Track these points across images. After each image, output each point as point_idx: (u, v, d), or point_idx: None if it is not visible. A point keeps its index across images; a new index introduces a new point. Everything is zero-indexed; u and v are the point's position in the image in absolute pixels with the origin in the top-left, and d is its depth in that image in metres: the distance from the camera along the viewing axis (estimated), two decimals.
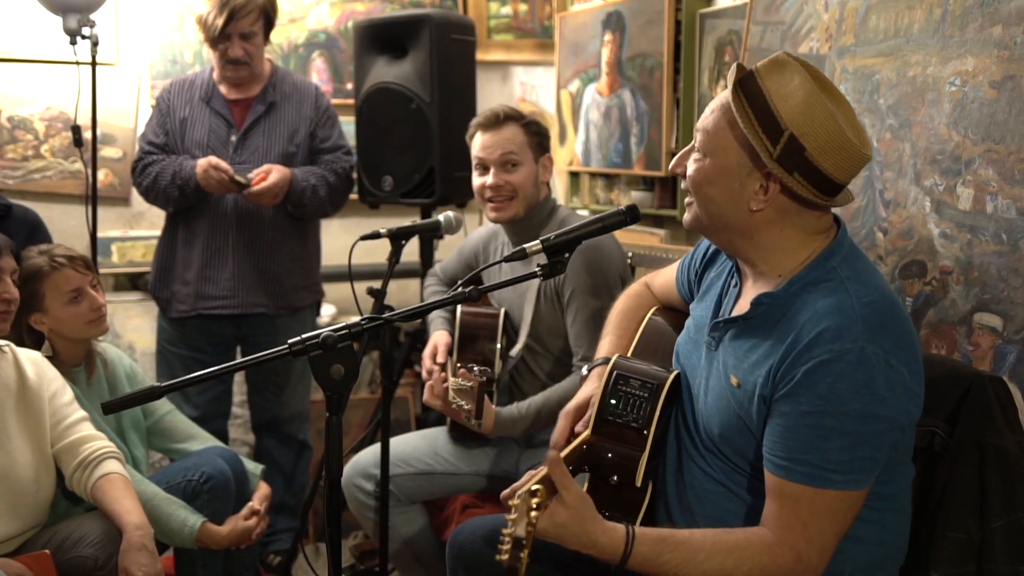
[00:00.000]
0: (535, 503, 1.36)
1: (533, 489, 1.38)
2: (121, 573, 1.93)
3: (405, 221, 2.66)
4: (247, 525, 2.32)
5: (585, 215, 3.25)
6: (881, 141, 2.07)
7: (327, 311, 3.63)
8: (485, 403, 2.16)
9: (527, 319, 2.39)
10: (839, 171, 1.46)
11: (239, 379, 3.41)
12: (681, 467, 1.65)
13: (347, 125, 3.20)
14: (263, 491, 2.45)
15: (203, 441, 2.47)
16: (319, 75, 3.71)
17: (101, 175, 3.38)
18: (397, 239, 2.32)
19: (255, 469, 2.48)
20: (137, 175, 2.98)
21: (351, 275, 2.44)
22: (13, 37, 3.30)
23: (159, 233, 3.09)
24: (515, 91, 4.10)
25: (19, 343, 2.16)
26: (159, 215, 3.15)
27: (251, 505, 2.37)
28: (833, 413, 1.40)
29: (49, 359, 2.19)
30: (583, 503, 1.44)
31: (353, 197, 3.19)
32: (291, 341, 1.44)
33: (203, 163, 2.81)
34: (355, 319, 1.56)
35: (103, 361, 2.38)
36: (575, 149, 3.54)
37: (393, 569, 2.59)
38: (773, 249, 1.53)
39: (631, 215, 1.67)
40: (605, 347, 1.91)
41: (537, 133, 2.43)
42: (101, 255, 3.33)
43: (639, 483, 1.59)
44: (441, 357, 2.45)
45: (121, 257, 3.51)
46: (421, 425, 3.34)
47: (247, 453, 3.43)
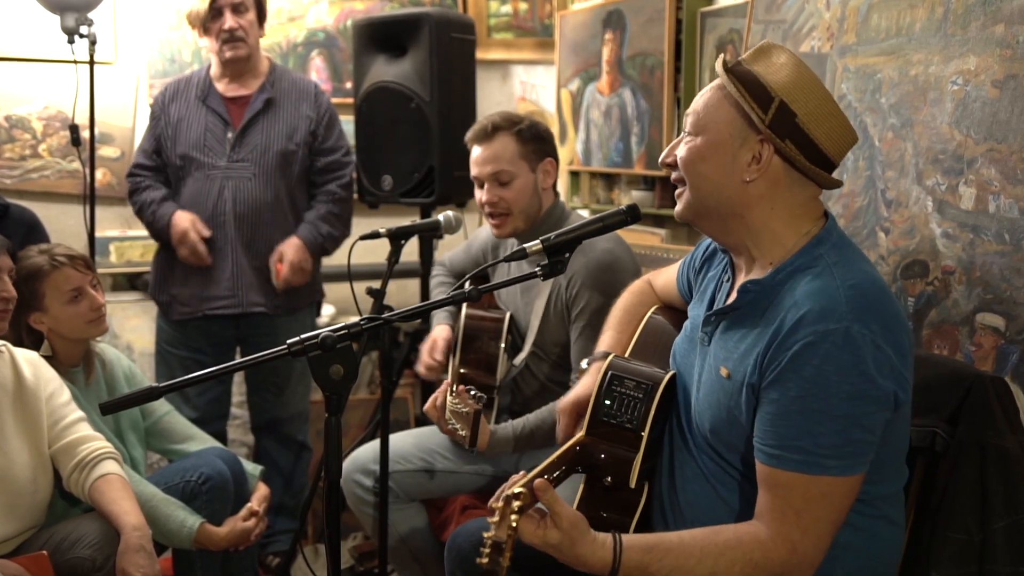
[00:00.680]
0: (516, 506, 1.35)
1: (516, 492, 1.37)
2: (119, 574, 1.93)
3: (404, 221, 2.66)
4: (246, 526, 2.31)
5: (585, 215, 3.25)
6: (883, 140, 2.06)
7: (327, 311, 3.62)
8: (481, 423, 2.15)
9: (534, 328, 2.36)
10: (830, 142, 1.47)
11: (238, 380, 3.40)
12: (674, 468, 1.63)
13: (346, 124, 3.19)
14: (262, 492, 2.44)
15: (201, 442, 2.46)
16: (318, 74, 3.70)
17: (99, 174, 3.37)
18: (396, 239, 2.31)
19: (254, 470, 2.47)
20: (128, 195, 3.04)
21: (350, 275, 2.44)
22: (11, 36, 3.29)
23: None
24: (515, 90, 4.09)
25: (18, 343, 2.15)
26: None
27: (250, 506, 2.36)
28: (822, 396, 1.38)
29: (47, 359, 2.18)
30: (575, 528, 1.42)
31: (352, 197, 3.19)
32: (290, 341, 1.44)
33: (178, 236, 2.87)
34: (354, 319, 1.55)
35: (101, 361, 2.37)
36: (575, 148, 3.54)
37: (392, 570, 2.58)
38: (764, 231, 1.52)
39: (632, 215, 1.66)
40: (605, 342, 1.90)
41: (533, 139, 2.34)
42: (99, 255, 3.32)
43: (633, 484, 1.58)
44: (439, 354, 2.43)
45: (119, 257, 3.50)
46: (420, 426, 3.33)
47: (245, 454, 3.42)
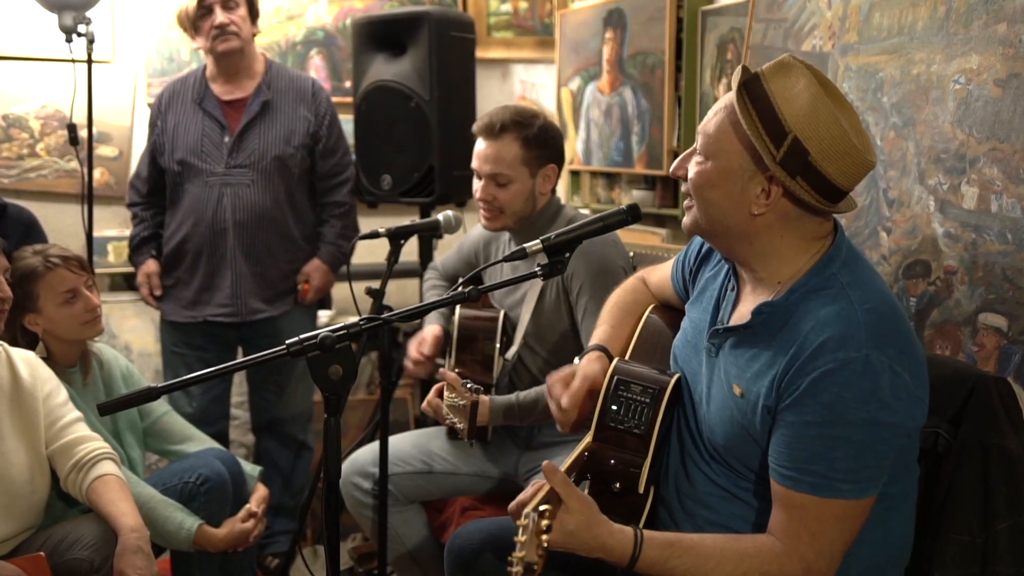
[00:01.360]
0: (545, 525, 1.33)
1: (542, 510, 1.35)
2: None
3: (404, 220, 2.65)
4: (244, 527, 2.31)
5: (586, 214, 3.24)
6: (885, 140, 2.05)
7: (326, 312, 3.61)
8: (479, 409, 2.14)
9: (524, 321, 2.36)
10: (842, 177, 1.44)
11: (238, 380, 3.39)
12: (685, 472, 1.63)
13: (346, 124, 3.18)
14: (261, 493, 2.43)
15: (200, 443, 2.45)
16: (317, 73, 3.69)
17: (97, 174, 3.36)
18: (396, 239, 2.31)
19: (252, 471, 2.46)
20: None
21: (350, 275, 2.43)
22: (8, 35, 3.28)
23: None
24: (515, 89, 4.08)
25: (13, 344, 2.14)
26: None
27: (248, 507, 2.35)
28: (839, 423, 1.39)
29: (44, 360, 2.17)
30: (588, 508, 1.44)
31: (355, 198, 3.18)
32: (289, 342, 1.44)
33: (139, 280, 3.03)
34: (354, 319, 1.55)
35: (99, 362, 2.36)
36: (576, 148, 3.53)
37: (392, 572, 2.57)
38: (772, 255, 1.51)
39: (632, 214, 1.66)
40: (598, 335, 1.88)
41: (539, 145, 2.29)
42: (97, 255, 3.31)
43: (642, 489, 1.58)
44: (426, 348, 2.42)
45: (117, 257, 3.49)
46: (420, 426, 3.32)
47: (245, 455, 3.41)
